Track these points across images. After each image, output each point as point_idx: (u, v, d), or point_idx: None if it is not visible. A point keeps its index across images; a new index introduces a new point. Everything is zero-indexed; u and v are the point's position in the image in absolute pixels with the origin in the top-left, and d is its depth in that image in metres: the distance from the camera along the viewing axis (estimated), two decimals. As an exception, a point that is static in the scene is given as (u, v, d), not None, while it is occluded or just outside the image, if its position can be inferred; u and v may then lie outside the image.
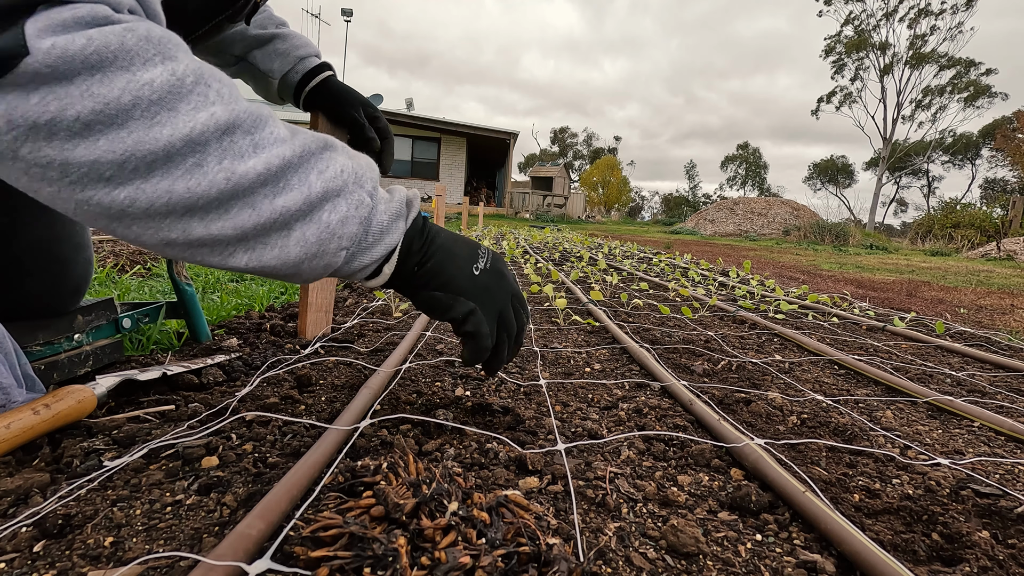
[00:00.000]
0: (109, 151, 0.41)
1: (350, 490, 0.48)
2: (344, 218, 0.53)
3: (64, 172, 0.40)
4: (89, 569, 0.42)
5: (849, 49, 31.18)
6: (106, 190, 0.42)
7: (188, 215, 0.45)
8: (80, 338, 0.85)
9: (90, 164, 0.40)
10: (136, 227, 0.45)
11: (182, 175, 0.44)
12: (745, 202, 19.16)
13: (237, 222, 0.47)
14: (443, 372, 0.99)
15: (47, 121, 0.39)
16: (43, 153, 0.40)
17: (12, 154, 0.40)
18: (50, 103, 0.38)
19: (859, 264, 6.43)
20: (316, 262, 0.53)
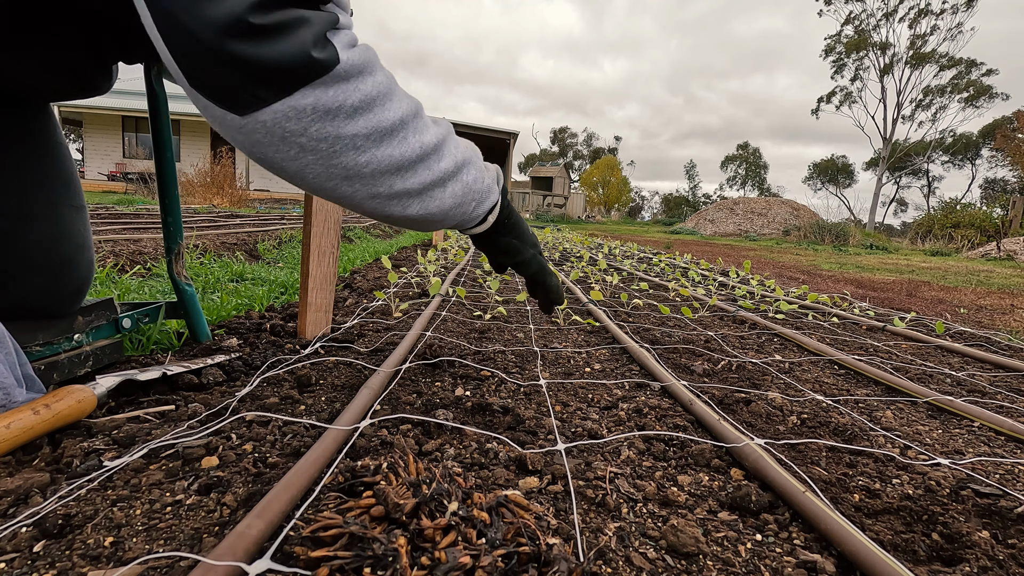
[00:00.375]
0: (364, 127, 0.61)
1: (350, 490, 0.48)
2: (475, 178, 0.76)
3: (332, 144, 0.60)
4: (89, 569, 0.42)
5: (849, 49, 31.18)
6: (353, 155, 0.62)
7: (393, 174, 0.66)
8: (80, 338, 0.85)
9: (351, 137, 0.60)
10: (358, 184, 0.65)
11: (397, 144, 0.65)
12: (745, 202, 19.16)
13: (420, 179, 0.69)
14: (443, 372, 0.99)
15: (335, 107, 0.58)
16: (325, 130, 0.59)
17: (302, 131, 0.58)
18: (339, 95, 0.58)
19: (859, 264, 6.43)
20: (458, 210, 0.75)
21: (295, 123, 0.58)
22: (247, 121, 0.58)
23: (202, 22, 0.52)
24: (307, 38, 0.56)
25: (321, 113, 0.58)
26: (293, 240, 3.88)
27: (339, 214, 1.17)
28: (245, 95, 0.56)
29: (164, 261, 2.23)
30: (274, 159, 0.61)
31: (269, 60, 0.54)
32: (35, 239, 0.79)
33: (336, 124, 0.60)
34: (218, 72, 0.54)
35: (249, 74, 0.54)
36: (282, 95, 0.57)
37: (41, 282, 0.79)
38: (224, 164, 9.69)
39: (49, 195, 0.82)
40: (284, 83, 0.56)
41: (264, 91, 0.56)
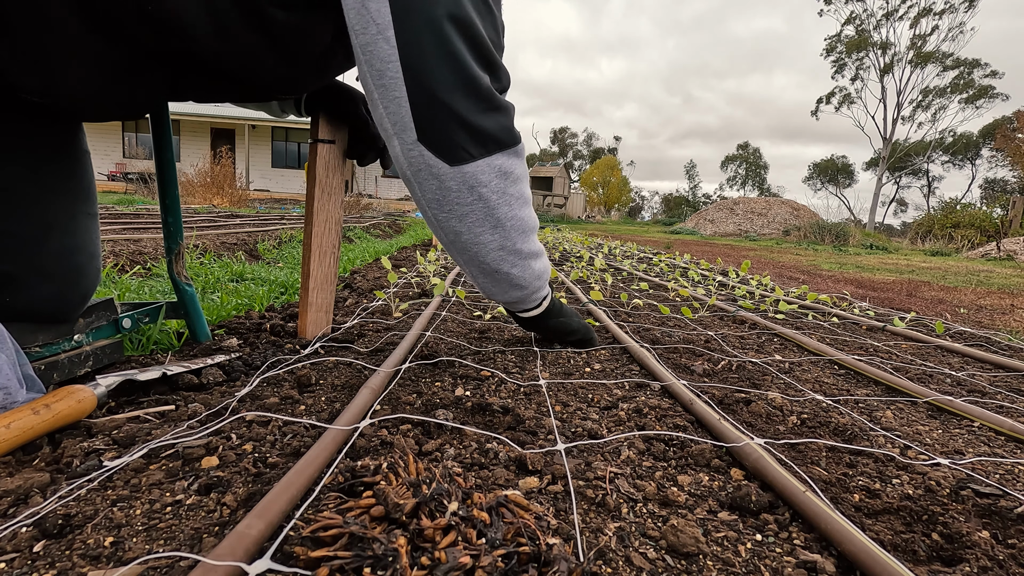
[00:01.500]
0: (518, 192, 0.89)
1: (350, 490, 0.48)
2: (545, 267, 1.04)
3: (500, 196, 0.85)
4: (89, 569, 0.42)
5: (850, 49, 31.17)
6: (507, 209, 0.87)
7: (519, 234, 0.92)
8: (80, 338, 0.85)
9: (510, 195, 0.87)
10: (499, 234, 0.88)
11: (528, 212, 0.94)
12: (745, 202, 19.16)
13: (529, 246, 0.96)
14: (443, 372, 0.99)
15: (510, 171, 0.86)
16: (500, 185, 0.85)
17: (486, 183, 0.83)
18: (514, 163, 0.87)
19: (859, 264, 6.43)
20: (536, 282, 1.01)
21: (485, 175, 0.82)
22: (453, 170, 0.80)
23: (457, 97, 0.76)
24: (511, 119, 0.85)
25: (503, 173, 0.84)
26: (293, 240, 3.88)
27: (340, 214, 1.17)
28: (462, 151, 0.79)
29: (164, 261, 2.23)
30: (451, 201, 0.83)
31: (491, 129, 0.80)
32: (52, 247, 0.79)
33: (506, 183, 0.85)
34: (451, 133, 0.77)
35: (473, 137, 0.79)
36: (486, 155, 0.81)
37: (51, 290, 0.79)
38: (224, 164, 9.69)
39: (70, 204, 0.82)
40: (491, 147, 0.81)
41: (476, 150, 0.80)
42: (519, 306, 1.07)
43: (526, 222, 0.92)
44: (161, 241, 2.71)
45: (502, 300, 1.03)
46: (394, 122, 0.77)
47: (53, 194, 0.79)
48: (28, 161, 0.76)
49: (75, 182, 0.83)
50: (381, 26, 0.71)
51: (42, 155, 0.78)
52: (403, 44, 0.72)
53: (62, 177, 0.81)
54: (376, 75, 0.75)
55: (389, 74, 0.74)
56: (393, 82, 0.74)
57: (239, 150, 16.75)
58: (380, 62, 0.73)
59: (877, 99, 31.71)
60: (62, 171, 0.81)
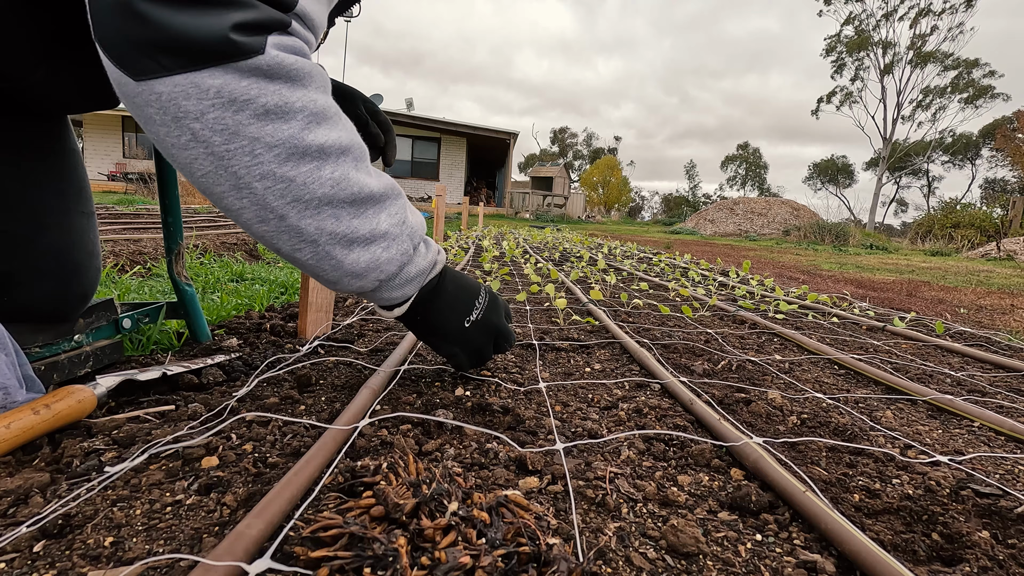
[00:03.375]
0: (271, 135, 0.56)
1: (350, 490, 0.48)
2: (390, 258, 0.69)
3: (228, 140, 0.54)
4: (89, 569, 0.42)
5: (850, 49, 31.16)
6: (248, 161, 0.56)
7: (293, 202, 0.59)
8: (80, 339, 0.85)
9: (251, 139, 0.55)
10: (247, 198, 0.58)
11: (306, 170, 0.59)
12: (745, 202, 19.15)
13: (319, 223, 0.62)
14: (443, 372, 0.99)
15: (243, 99, 0.54)
16: (224, 121, 0.54)
17: (199, 114, 0.53)
18: (251, 89, 0.54)
19: (859, 264, 6.43)
20: (355, 281, 0.68)
21: (193, 103, 0.52)
22: (142, 89, 0.52)
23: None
24: (233, 20, 0.52)
25: (225, 100, 0.53)
26: (293, 240, 3.87)
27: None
28: (145, 59, 0.51)
29: (164, 261, 2.23)
30: (165, 142, 0.55)
31: (182, 28, 0.50)
32: (46, 245, 0.79)
33: (239, 118, 0.54)
34: (121, 25, 0.50)
35: (155, 36, 0.50)
36: (186, 69, 0.52)
37: (49, 288, 0.79)
38: (224, 164, 9.67)
39: (62, 202, 0.82)
40: (194, 56, 0.51)
41: (168, 59, 0.51)
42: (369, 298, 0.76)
43: (305, 187, 0.59)
44: (161, 241, 2.71)
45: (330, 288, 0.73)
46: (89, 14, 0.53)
47: (42, 192, 0.79)
48: (11, 158, 0.76)
49: (64, 180, 0.83)
50: None
51: (27, 153, 0.78)
52: None
53: (50, 175, 0.81)
54: None
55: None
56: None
57: (239, 150, 16.70)
58: None
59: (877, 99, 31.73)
60: (50, 169, 0.81)
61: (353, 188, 0.63)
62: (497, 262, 3.20)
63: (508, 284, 2.39)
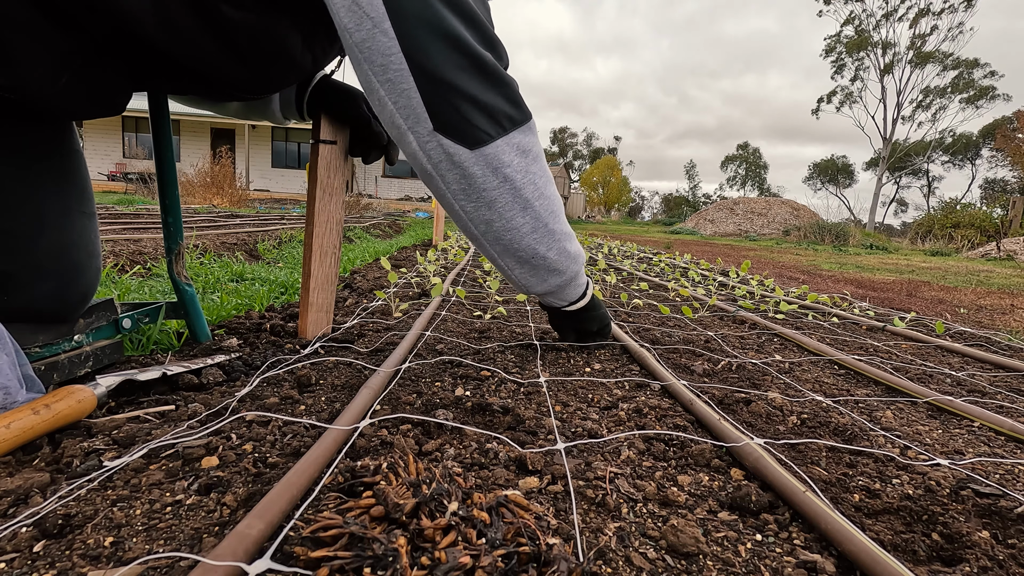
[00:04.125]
0: (540, 169, 0.87)
1: (350, 490, 0.48)
2: (578, 252, 1.01)
3: (524, 175, 0.84)
4: (89, 569, 0.42)
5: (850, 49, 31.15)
6: (533, 189, 0.86)
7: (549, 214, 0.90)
8: (80, 339, 0.85)
9: (534, 174, 0.86)
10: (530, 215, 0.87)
11: (553, 190, 0.91)
12: (745, 202, 19.15)
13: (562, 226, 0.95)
14: (443, 372, 0.99)
15: (529, 148, 0.84)
16: (523, 164, 0.83)
17: (510, 162, 0.81)
18: (531, 140, 0.85)
19: (859, 264, 6.43)
20: (574, 266, 1.00)
21: (507, 155, 0.80)
22: (473, 155, 0.78)
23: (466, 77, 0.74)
24: (519, 94, 0.82)
25: (523, 151, 0.82)
26: (293, 240, 3.88)
27: (341, 214, 1.17)
28: (481, 133, 0.77)
29: (164, 261, 2.23)
30: (478, 188, 0.81)
31: (503, 106, 0.78)
32: (47, 245, 0.79)
33: (527, 161, 0.83)
34: (466, 115, 0.76)
35: (489, 116, 0.77)
36: (503, 133, 0.79)
37: (49, 288, 0.79)
38: (224, 164, 9.69)
39: (64, 202, 0.82)
40: (507, 125, 0.79)
41: (494, 130, 0.78)
42: (559, 296, 1.04)
43: (553, 200, 0.90)
44: (161, 241, 2.71)
45: (541, 291, 1.00)
46: (406, 116, 0.75)
47: (44, 192, 0.79)
48: (15, 159, 0.76)
49: (67, 181, 0.83)
50: (376, 19, 0.70)
51: (30, 154, 0.78)
52: (402, 35, 0.70)
53: (53, 176, 0.81)
54: (379, 71, 0.73)
55: (393, 67, 0.72)
56: (399, 75, 0.72)
57: (239, 150, 16.75)
58: (381, 56, 0.72)
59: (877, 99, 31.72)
60: (52, 169, 0.81)
61: (559, 199, 0.94)
62: (497, 262, 3.19)
63: (508, 284, 2.39)
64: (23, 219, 0.76)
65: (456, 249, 3.66)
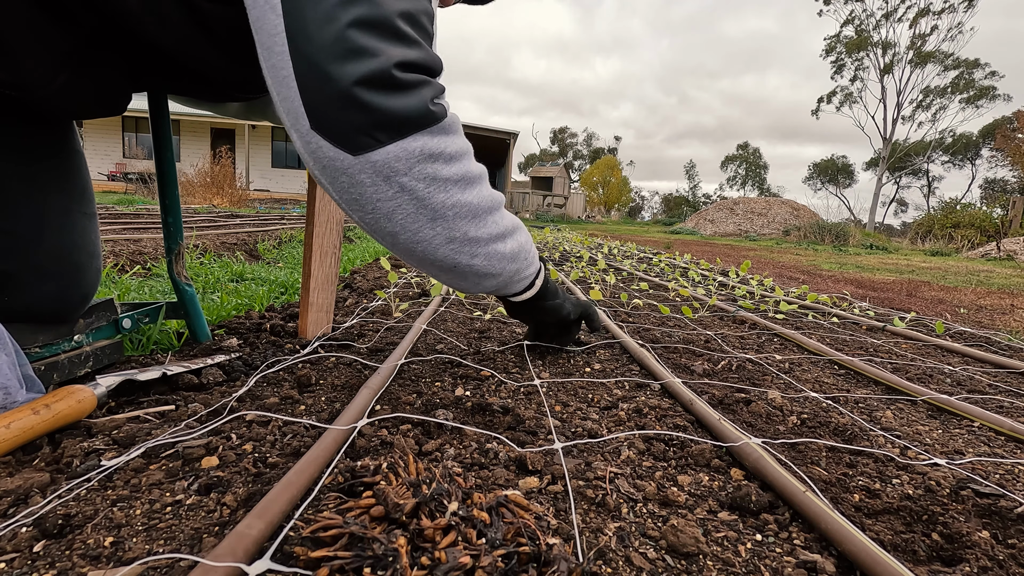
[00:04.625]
0: (455, 172, 0.72)
1: (350, 490, 0.48)
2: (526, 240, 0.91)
3: (429, 184, 0.70)
4: (89, 569, 0.42)
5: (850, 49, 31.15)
6: (443, 196, 0.72)
7: (469, 220, 0.76)
8: (80, 339, 0.85)
9: (444, 179, 0.71)
10: (440, 226, 0.73)
11: (475, 192, 0.77)
12: (745, 202, 19.16)
13: (488, 229, 0.80)
14: (443, 372, 0.99)
15: (436, 152, 0.70)
16: (426, 171, 0.69)
17: (406, 170, 0.68)
18: (441, 143, 0.70)
19: (859, 264, 6.43)
20: (512, 265, 0.88)
21: (402, 163, 0.67)
22: (358, 161, 0.66)
23: (345, 73, 0.61)
24: (428, 96, 0.68)
25: (426, 156, 0.69)
26: (293, 240, 3.88)
27: (341, 214, 1.17)
28: (364, 137, 0.64)
29: (164, 261, 2.23)
30: (370, 199, 0.69)
31: (396, 109, 0.65)
32: (48, 246, 0.79)
33: (435, 167, 0.70)
34: (345, 116, 0.63)
35: (375, 119, 0.64)
36: (397, 138, 0.66)
37: (50, 288, 0.79)
38: (224, 164, 9.69)
39: (65, 203, 0.82)
40: (402, 128, 0.66)
41: (383, 134, 0.65)
42: (503, 291, 0.94)
43: (475, 205, 0.76)
44: (161, 241, 2.71)
45: (480, 292, 0.91)
46: (287, 109, 0.64)
47: (45, 192, 0.79)
48: (16, 159, 0.76)
49: (68, 181, 0.83)
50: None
51: (31, 154, 0.78)
52: (288, 11, 0.61)
53: (54, 176, 0.81)
54: (266, 53, 0.63)
55: (276, 49, 0.62)
56: (280, 59, 0.62)
57: (239, 150, 16.74)
58: (268, 36, 0.62)
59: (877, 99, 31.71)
60: (53, 170, 0.81)
61: (493, 198, 0.81)
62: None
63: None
64: (24, 219, 0.76)
65: (456, 249, 3.66)
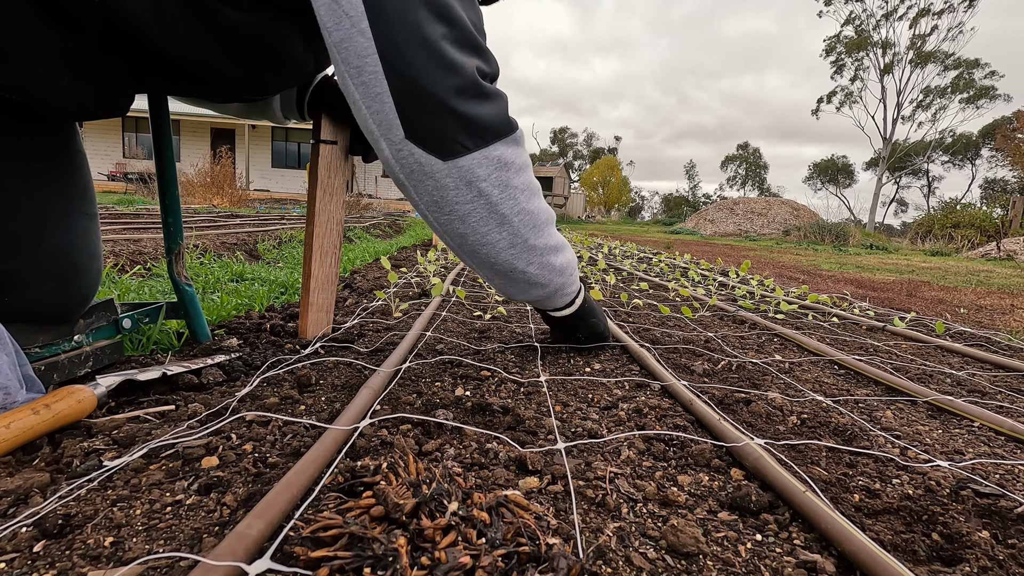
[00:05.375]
0: (523, 182, 0.83)
1: (350, 490, 0.48)
2: (572, 256, 1.00)
3: (503, 190, 0.79)
4: (89, 569, 0.42)
5: (850, 49, 31.15)
6: (512, 204, 0.81)
7: (531, 229, 0.86)
8: (80, 339, 0.85)
9: (514, 188, 0.81)
10: (506, 231, 0.83)
11: (538, 203, 0.87)
12: (745, 202, 19.15)
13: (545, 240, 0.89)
14: (443, 372, 0.99)
15: (510, 161, 0.80)
16: (502, 178, 0.79)
17: (485, 176, 0.77)
18: (514, 153, 0.81)
19: (859, 264, 6.43)
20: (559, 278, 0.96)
21: (484, 169, 0.76)
22: (446, 166, 0.74)
23: (441, 86, 0.70)
24: (506, 105, 0.78)
25: (503, 164, 0.78)
26: (293, 240, 3.88)
27: (341, 215, 1.17)
28: (455, 143, 0.73)
29: (164, 261, 2.23)
30: (450, 201, 0.77)
31: (484, 117, 0.74)
32: (49, 246, 0.79)
33: (508, 175, 0.79)
34: (440, 124, 0.72)
35: (466, 125, 0.73)
36: (482, 145, 0.75)
37: (50, 289, 0.79)
38: (224, 164, 9.69)
39: (66, 203, 0.82)
40: (486, 136, 0.75)
41: (471, 141, 0.74)
42: (547, 304, 1.03)
43: (536, 215, 0.85)
44: (161, 241, 2.71)
45: (525, 300, 0.98)
46: (379, 122, 0.72)
47: (46, 193, 0.79)
48: (18, 160, 0.76)
49: (69, 182, 0.83)
50: (354, 18, 0.67)
51: (33, 154, 0.78)
52: (379, 36, 0.67)
53: (55, 176, 0.81)
54: (354, 72, 0.70)
55: (368, 69, 0.69)
56: (373, 77, 0.69)
57: (239, 150, 16.75)
58: (357, 58, 0.68)
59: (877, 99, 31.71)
60: (55, 170, 0.81)
61: (550, 212, 0.91)
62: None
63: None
64: (25, 220, 0.76)
65: (456, 249, 3.66)
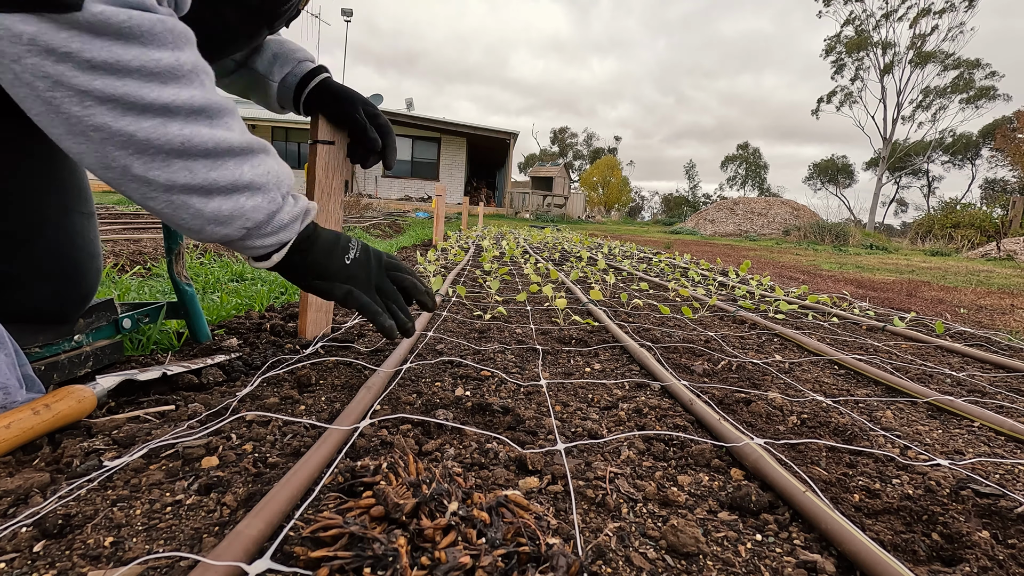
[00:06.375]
0: (102, 89, 0.55)
1: (350, 490, 0.48)
2: (256, 206, 0.69)
3: (52, 88, 0.54)
4: (89, 569, 0.42)
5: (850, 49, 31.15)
6: (78, 109, 0.55)
7: (137, 154, 0.59)
8: (80, 339, 0.85)
9: (80, 92, 0.54)
10: (85, 144, 0.57)
11: (149, 125, 0.58)
12: (745, 202, 19.15)
13: (170, 175, 0.61)
14: (443, 372, 0.99)
15: (63, 51, 0.53)
16: (45, 70, 0.53)
17: (15, 57, 0.52)
18: (71, 42, 0.53)
19: (859, 264, 6.43)
20: (220, 228, 0.67)
21: (6, 44, 0.53)
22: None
23: None
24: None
25: (42, 49, 0.53)
26: (293, 240, 3.87)
27: (340, 215, 1.17)
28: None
29: (164, 261, 2.23)
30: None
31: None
32: (47, 246, 0.79)
33: (60, 68, 0.54)
34: None
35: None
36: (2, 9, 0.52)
37: (50, 289, 0.79)
38: (224, 164, 9.66)
39: (61, 202, 0.82)
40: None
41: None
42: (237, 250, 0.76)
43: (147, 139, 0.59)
44: (161, 241, 2.71)
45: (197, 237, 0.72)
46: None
47: (41, 192, 0.79)
48: (13, 159, 0.76)
49: (64, 181, 0.83)
50: None
51: (26, 153, 0.78)
52: None
53: (50, 176, 0.81)
54: None
55: None
56: None
57: (239, 150, 16.70)
58: None
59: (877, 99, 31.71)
60: (49, 170, 0.81)
61: (207, 143, 0.63)
62: (497, 262, 3.20)
63: (508, 284, 2.39)
64: (23, 220, 0.76)
65: (456, 249, 3.67)
